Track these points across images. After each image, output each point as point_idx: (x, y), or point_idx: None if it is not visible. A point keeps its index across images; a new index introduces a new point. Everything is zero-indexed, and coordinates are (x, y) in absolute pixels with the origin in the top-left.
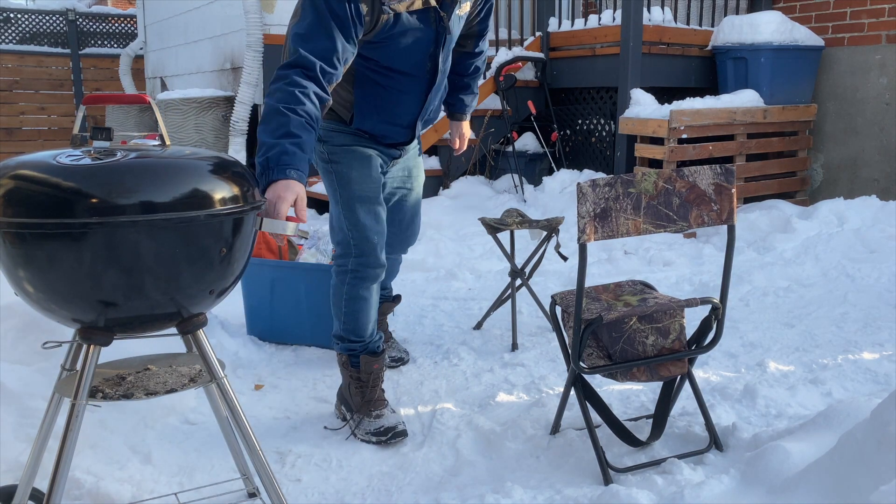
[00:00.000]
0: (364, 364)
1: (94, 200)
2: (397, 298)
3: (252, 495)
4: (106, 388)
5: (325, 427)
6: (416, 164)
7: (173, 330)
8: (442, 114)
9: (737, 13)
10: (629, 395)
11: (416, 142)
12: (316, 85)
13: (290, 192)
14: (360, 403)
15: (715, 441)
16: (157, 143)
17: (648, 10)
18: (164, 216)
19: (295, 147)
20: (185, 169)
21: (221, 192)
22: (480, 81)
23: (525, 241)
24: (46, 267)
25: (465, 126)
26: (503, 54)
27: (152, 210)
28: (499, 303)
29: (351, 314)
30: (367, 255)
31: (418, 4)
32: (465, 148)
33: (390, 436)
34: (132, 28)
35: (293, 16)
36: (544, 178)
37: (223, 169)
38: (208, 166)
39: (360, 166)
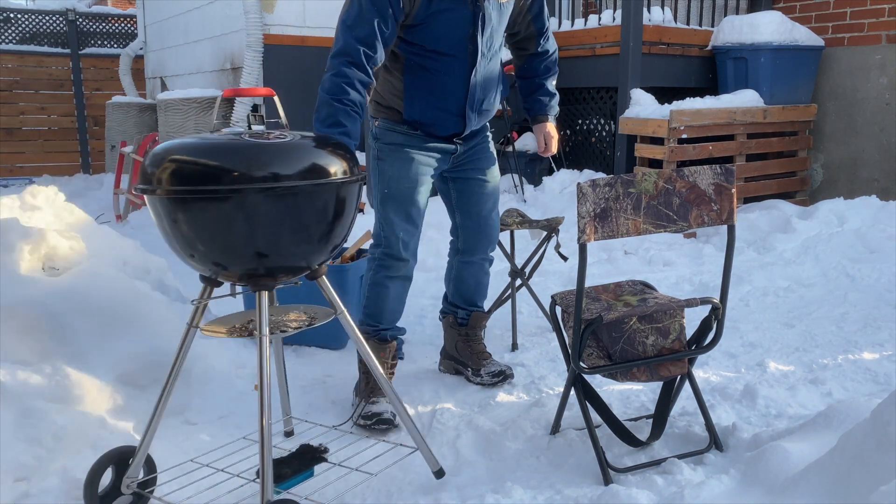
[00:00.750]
0: (371, 349)
1: (257, 171)
2: (480, 315)
3: (288, 434)
4: (251, 325)
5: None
6: (485, 157)
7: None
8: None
9: (737, 13)
10: (629, 395)
11: (481, 137)
12: (360, 71)
13: None
14: (364, 389)
15: (715, 441)
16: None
17: (648, 10)
18: (307, 182)
19: (342, 135)
20: (316, 149)
21: (340, 165)
22: (554, 83)
23: (525, 241)
24: (219, 229)
25: (549, 127)
26: (503, 54)
27: (294, 178)
28: (499, 303)
29: (370, 298)
30: (391, 248)
31: None
32: (553, 150)
33: (374, 421)
34: (132, 28)
35: (343, 7)
36: (544, 178)
37: (342, 148)
38: (331, 147)
39: (400, 166)
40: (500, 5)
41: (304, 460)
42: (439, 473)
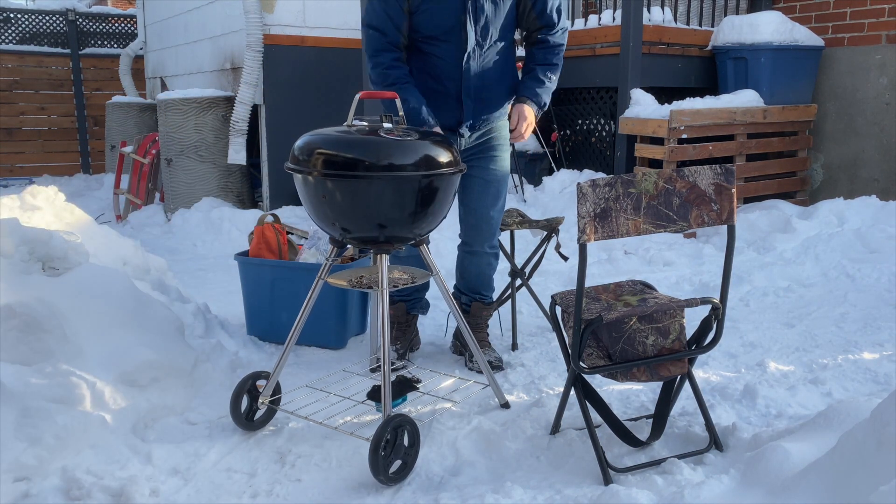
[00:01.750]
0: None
1: (383, 162)
2: (481, 306)
3: (374, 370)
4: (364, 281)
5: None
6: (491, 156)
7: None
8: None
9: (737, 13)
10: (629, 395)
11: (489, 135)
12: (387, 52)
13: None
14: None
15: (715, 441)
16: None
17: (648, 10)
18: (424, 172)
19: (409, 109)
20: (427, 145)
21: (445, 157)
22: (554, 84)
23: (525, 241)
24: (353, 203)
25: (526, 110)
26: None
27: (409, 169)
28: (499, 303)
29: None
30: None
31: None
32: (523, 135)
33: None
34: (132, 28)
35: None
36: (544, 178)
37: (446, 144)
38: (438, 142)
39: None
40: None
41: (400, 388)
42: (505, 406)
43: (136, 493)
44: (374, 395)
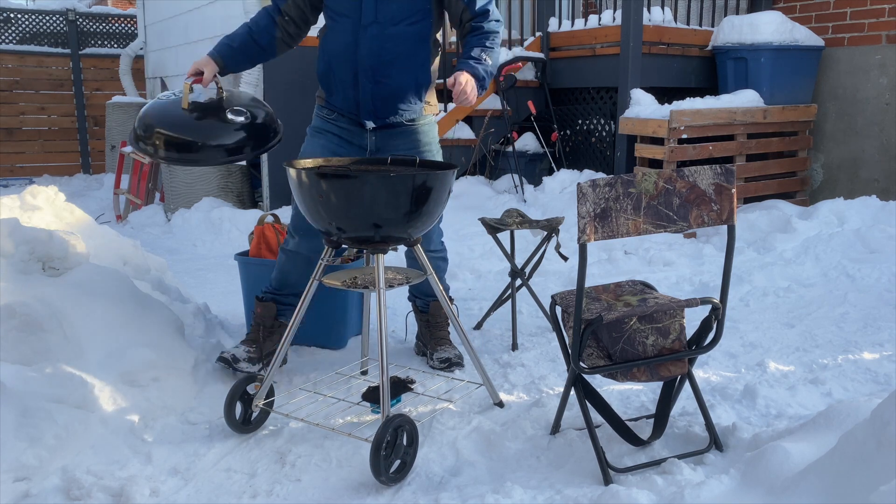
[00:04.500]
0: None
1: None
2: (438, 305)
3: (364, 372)
4: (358, 282)
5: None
6: (416, 152)
7: None
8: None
9: (737, 13)
10: (629, 395)
11: (404, 136)
12: (269, 11)
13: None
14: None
15: (715, 441)
16: None
17: (648, 11)
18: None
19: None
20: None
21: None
22: (493, 67)
23: (525, 241)
24: (345, 203)
25: (464, 75)
26: (503, 54)
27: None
28: (499, 303)
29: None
30: (291, 223)
31: None
32: (464, 90)
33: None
34: (132, 28)
35: None
36: (544, 178)
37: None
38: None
39: (308, 141)
40: None
41: (394, 389)
42: (499, 405)
43: (136, 493)
44: (370, 395)
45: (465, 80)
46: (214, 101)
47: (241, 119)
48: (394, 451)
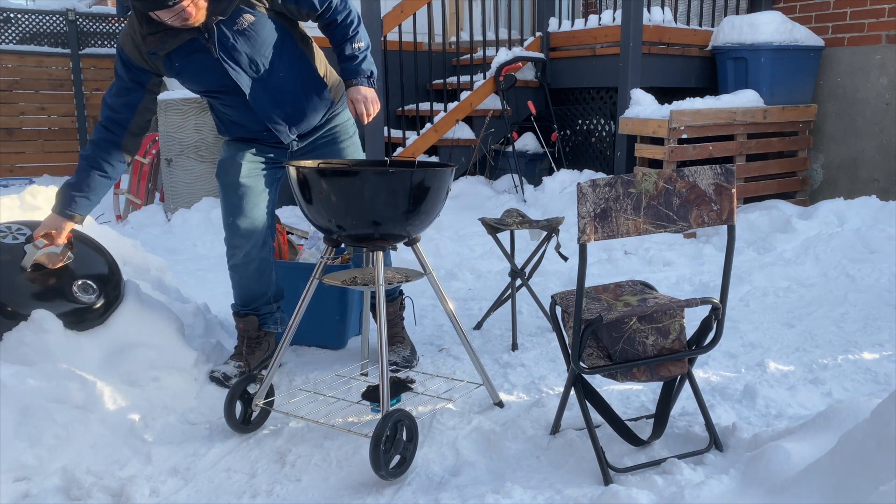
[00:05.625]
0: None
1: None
2: (391, 301)
3: (364, 374)
4: (357, 281)
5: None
6: (331, 150)
7: None
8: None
9: (737, 13)
10: (629, 395)
11: (324, 135)
12: (106, 130)
13: (59, 227)
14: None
15: (715, 441)
16: None
17: (648, 11)
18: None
19: (68, 182)
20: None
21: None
22: (367, 47)
23: (525, 241)
24: (344, 201)
25: (362, 89)
26: (503, 54)
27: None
28: (499, 303)
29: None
30: (227, 235)
31: (176, 44)
32: (370, 112)
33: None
34: None
35: None
36: (544, 178)
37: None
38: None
39: (226, 152)
40: (242, 31)
41: (394, 389)
42: (499, 405)
43: (136, 493)
44: (369, 395)
45: (361, 98)
46: (60, 266)
47: (88, 298)
48: (393, 445)
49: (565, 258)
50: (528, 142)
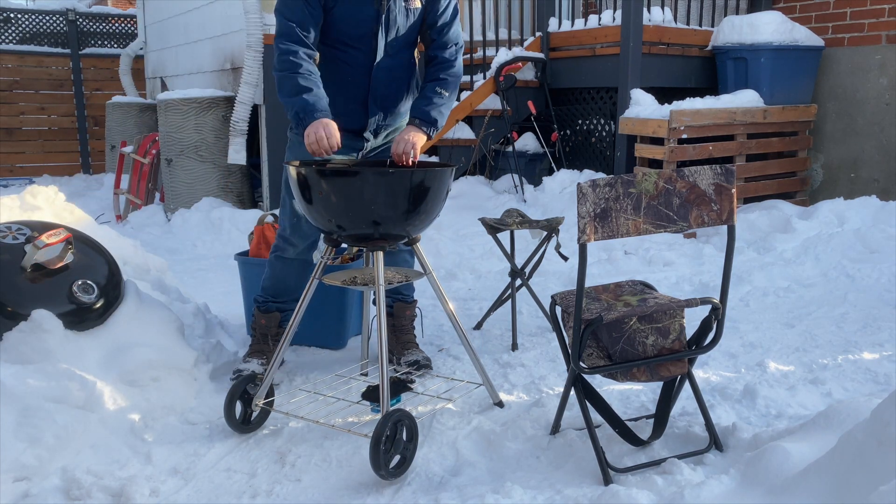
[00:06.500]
0: (255, 314)
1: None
2: (403, 306)
3: (364, 374)
4: (357, 280)
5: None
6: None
7: None
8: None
9: (737, 13)
10: (629, 395)
11: (389, 133)
12: (299, 45)
13: (327, 126)
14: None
15: (715, 441)
16: None
17: (648, 11)
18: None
19: (309, 97)
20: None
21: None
22: (449, 98)
23: (525, 241)
24: (344, 201)
25: (413, 135)
26: (503, 54)
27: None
28: (499, 303)
29: (266, 273)
30: (284, 230)
31: None
32: (406, 158)
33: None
34: (132, 28)
35: None
36: (544, 179)
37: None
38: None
39: (301, 154)
40: (406, 10)
41: (394, 389)
42: (499, 405)
43: (136, 493)
44: (369, 395)
45: (410, 142)
46: (60, 266)
47: (88, 298)
48: (393, 445)
49: (565, 258)
50: (528, 142)
